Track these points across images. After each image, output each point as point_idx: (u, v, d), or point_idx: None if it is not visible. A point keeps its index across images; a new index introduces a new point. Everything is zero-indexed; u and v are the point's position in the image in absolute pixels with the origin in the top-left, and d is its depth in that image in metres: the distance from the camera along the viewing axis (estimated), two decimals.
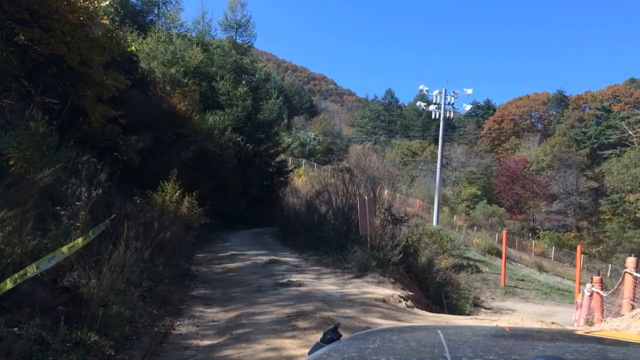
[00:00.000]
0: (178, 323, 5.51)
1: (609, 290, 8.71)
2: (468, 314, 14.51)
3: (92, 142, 14.06)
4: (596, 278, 9.07)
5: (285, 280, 7.87)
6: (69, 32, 11.39)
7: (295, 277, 8.15)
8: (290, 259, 10.48)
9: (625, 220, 48.21)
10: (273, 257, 10.38)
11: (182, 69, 23.77)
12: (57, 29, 11.16)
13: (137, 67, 19.33)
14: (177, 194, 10.29)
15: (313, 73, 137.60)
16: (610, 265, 40.14)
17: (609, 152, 56.13)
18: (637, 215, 47.77)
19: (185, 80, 22.31)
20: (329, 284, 7.63)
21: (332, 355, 1.21)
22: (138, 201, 9.90)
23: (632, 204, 48.52)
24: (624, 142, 54.44)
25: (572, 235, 51.34)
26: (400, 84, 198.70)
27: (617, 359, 1.19)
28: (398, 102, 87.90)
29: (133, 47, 18.05)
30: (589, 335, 1.57)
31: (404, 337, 1.43)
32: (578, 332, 1.83)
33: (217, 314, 5.94)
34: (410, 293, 7.63)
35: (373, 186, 11.00)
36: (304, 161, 50.90)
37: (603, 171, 57.37)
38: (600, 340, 1.44)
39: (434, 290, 12.06)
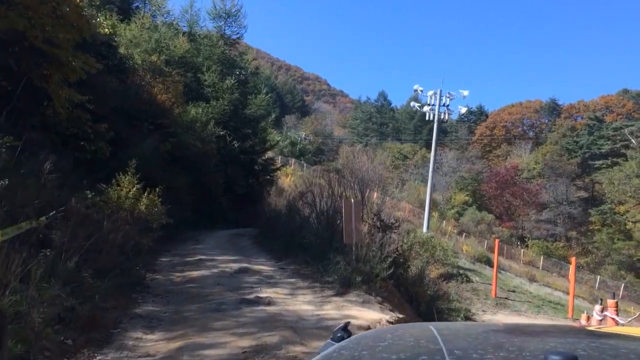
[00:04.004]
0: (99, 358, 4.21)
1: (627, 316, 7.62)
2: None
3: (57, 128, 12.81)
4: (611, 302, 7.91)
5: (252, 296, 6.59)
6: (32, 6, 10.17)
7: (266, 292, 6.88)
8: (264, 267, 9.20)
9: (614, 231, 47.58)
10: (245, 265, 9.09)
11: (166, 57, 22.63)
12: (19, 2, 9.95)
13: (116, 52, 18.07)
14: (134, 188, 8.95)
15: (306, 73, 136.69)
16: (598, 276, 39.41)
17: (600, 162, 55.68)
18: (626, 226, 47.19)
19: (168, 70, 21.14)
20: (304, 303, 6.37)
21: (343, 354, 1.22)
22: (89, 196, 8.61)
23: (621, 215, 47.97)
24: (617, 151, 53.79)
25: (561, 244, 50.77)
26: (393, 87, 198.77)
27: (630, 355, 1.12)
28: (391, 104, 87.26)
29: (107, 30, 16.77)
30: (600, 331, 1.54)
31: (415, 335, 1.37)
32: (589, 328, 1.70)
33: (156, 344, 4.64)
34: (400, 316, 6.41)
35: (361, 188, 9.77)
36: (293, 160, 49.85)
37: (594, 181, 56.87)
38: (612, 336, 1.40)
39: (425, 305, 10.88)
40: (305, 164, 49.60)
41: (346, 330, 1.50)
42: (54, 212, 7.07)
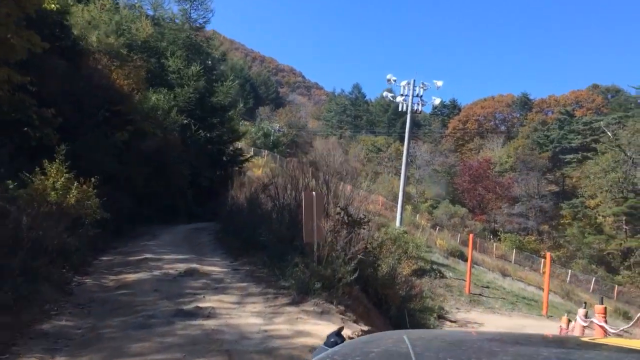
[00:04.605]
0: None
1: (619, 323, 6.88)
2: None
3: None
4: (599, 307, 7.14)
5: (191, 306, 5.55)
6: None
7: (209, 301, 5.84)
8: (215, 268, 8.15)
9: (585, 225, 48.04)
10: (194, 266, 8.02)
11: (128, 41, 21.27)
12: None
13: (70, 33, 16.81)
14: (63, 178, 7.73)
15: (281, 64, 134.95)
16: (570, 270, 39.59)
17: (571, 156, 56.24)
18: (596, 220, 47.68)
19: (127, 53, 19.84)
20: (251, 315, 5.36)
21: (335, 359, 1.20)
22: (10, 187, 7.41)
23: (592, 209, 48.46)
24: (587, 145, 54.31)
25: (533, 238, 51.08)
26: (368, 80, 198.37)
27: None
28: (365, 97, 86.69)
29: (53, 6, 15.44)
30: (594, 342, 1.50)
31: (411, 341, 1.29)
32: (583, 339, 1.62)
33: None
34: (365, 328, 5.48)
35: (326, 179, 8.79)
36: (266, 152, 48.72)
37: (565, 175, 57.49)
38: (608, 348, 1.33)
39: (396, 308, 10.00)
40: (278, 156, 48.51)
41: (340, 336, 1.47)
42: None
